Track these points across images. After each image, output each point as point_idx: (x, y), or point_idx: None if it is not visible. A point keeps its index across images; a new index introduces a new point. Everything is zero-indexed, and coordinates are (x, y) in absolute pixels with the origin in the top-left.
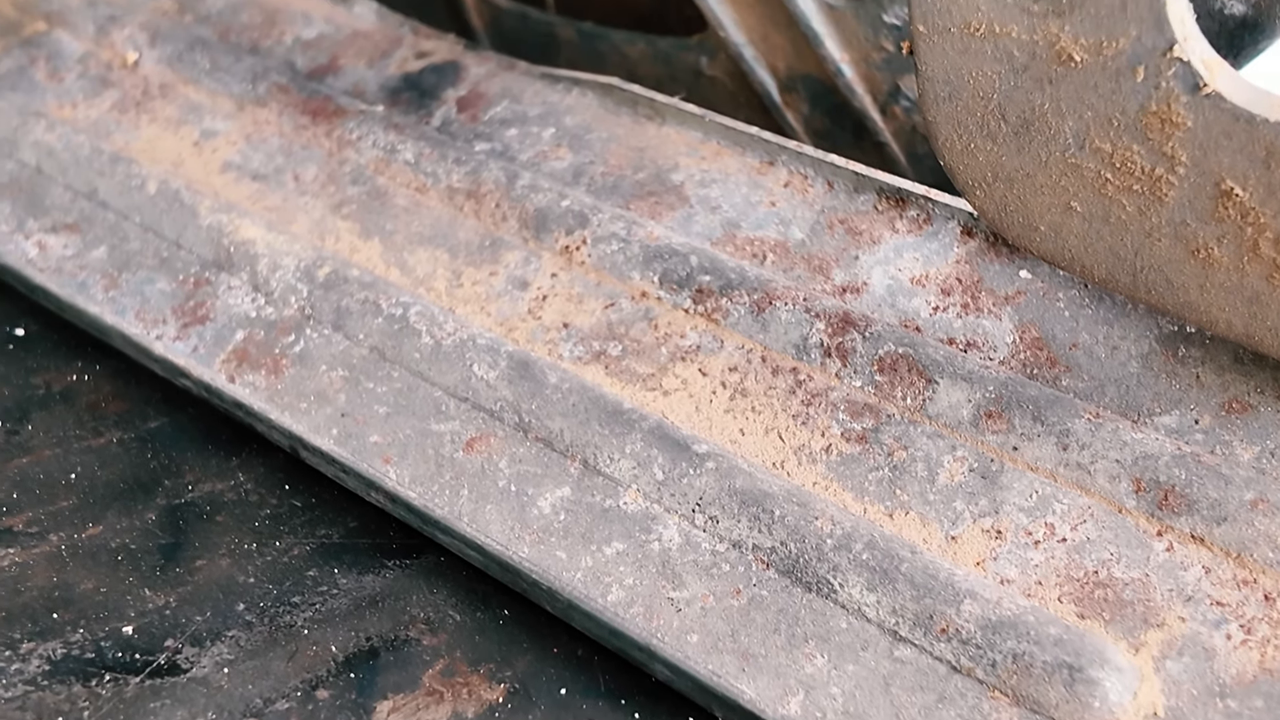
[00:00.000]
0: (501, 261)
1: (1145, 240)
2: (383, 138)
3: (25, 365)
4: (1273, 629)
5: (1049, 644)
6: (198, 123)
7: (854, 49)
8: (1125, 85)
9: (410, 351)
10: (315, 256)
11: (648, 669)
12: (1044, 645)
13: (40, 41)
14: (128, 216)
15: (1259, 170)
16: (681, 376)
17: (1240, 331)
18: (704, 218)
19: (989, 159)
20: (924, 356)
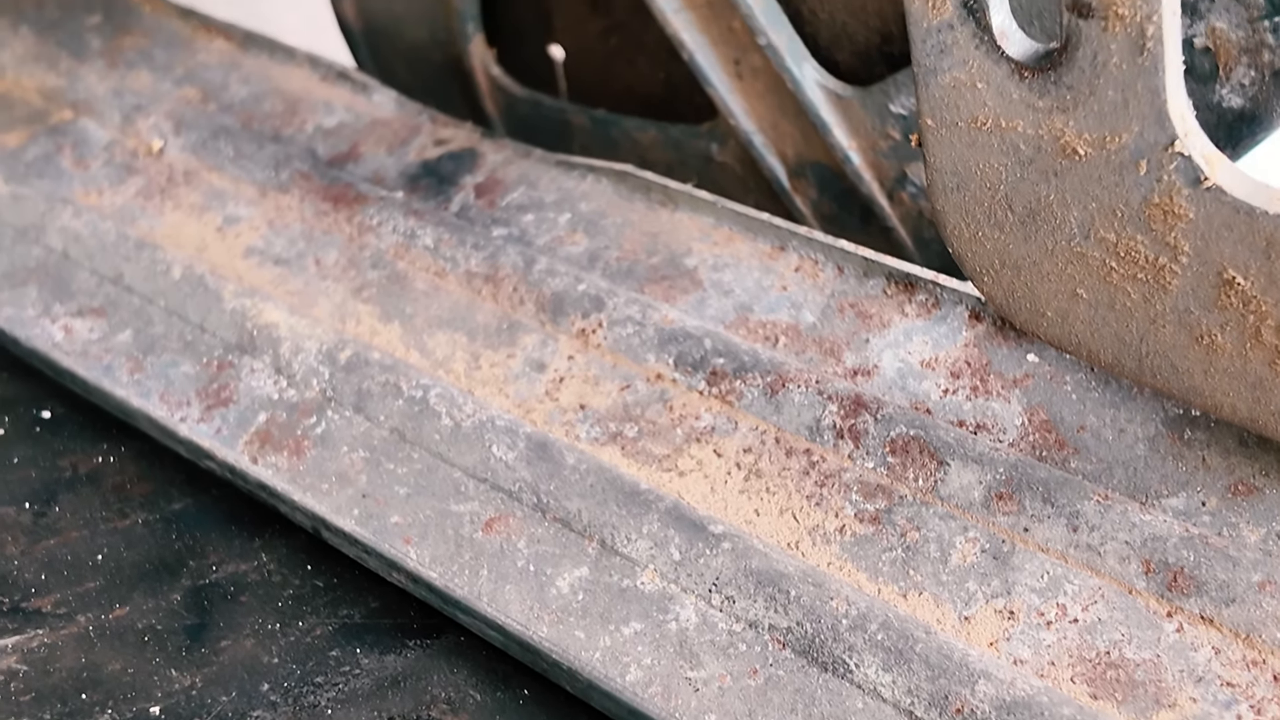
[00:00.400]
0: (519, 344)
1: (1150, 326)
2: (402, 223)
3: (52, 448)
4: None
5: None
6: (221, 209)
7: (861, 137)
8: (1128, 178)
9: (430, 433)
10: (336, 340)
11: None
12: None
13: (66, 129)
14: (153, 301)
15: (1260, 260)
16: (697, 457)
17: (1245, 416)
18: (717, 301)
19: (996, 247)
20: (935, 439)
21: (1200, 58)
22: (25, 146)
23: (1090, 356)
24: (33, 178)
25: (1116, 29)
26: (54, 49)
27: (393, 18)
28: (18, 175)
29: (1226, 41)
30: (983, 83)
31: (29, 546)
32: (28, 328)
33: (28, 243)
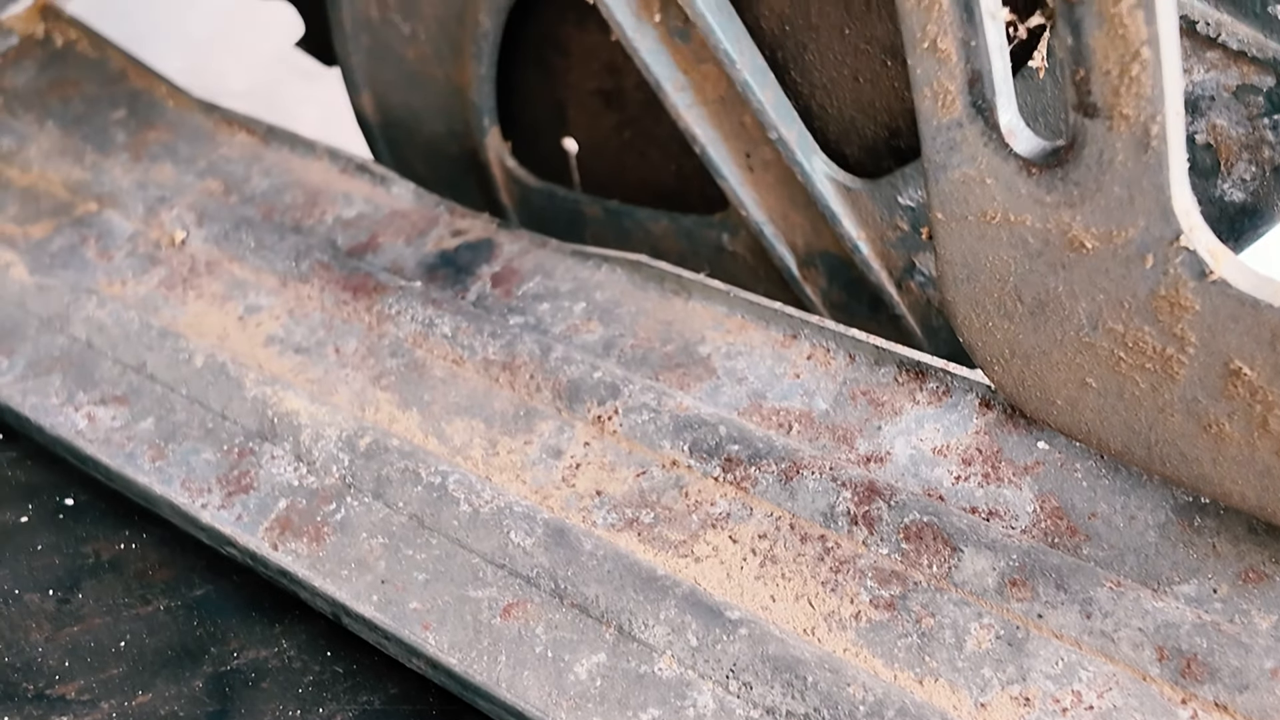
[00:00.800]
0: (536, 431)
1: (1159, 415)
2: (421, 312)
3: (75, 534)
4: None
5: None
6: (242, 298)
7: (870, 228)
8: (1135, 271)
9: (449, 519)
10: (356, 427)
11: None
12: None
13: (91, 221)
14: (175, 389)
15: (1265, 351)
16: (712, 544)
17: (1254, 503)
18: (731, 389)
19: (1006, 337)
20: (948, 525)
21: (1202, 153)
22: (51, 238)
23: (1100, 444)
24: (58, 268)
25: (1122, 128)
26: (79, 143)
27: (410, 112)
28: (43, 266)
29: (1227, 138)
30: (991, 178)
31: (53, 633)
32: (52, 416)
33: (53, 332)
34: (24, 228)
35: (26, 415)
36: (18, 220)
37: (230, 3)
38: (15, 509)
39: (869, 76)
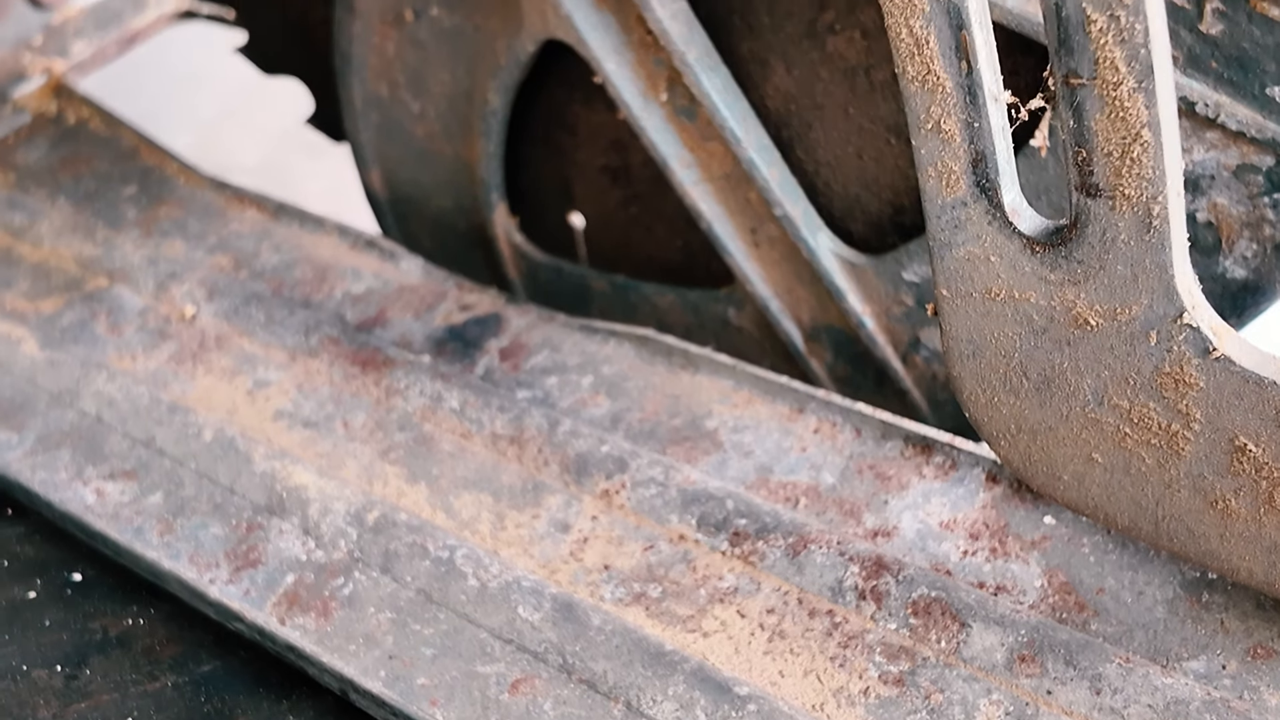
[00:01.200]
0: (544, 505)
1: (1165, 491)
2: (429, 386)
3: (83, 610)
4: None
5: None
6: (252, 373)
7: (875, 303)
8: (1140, 348)
9: (456, 594)
10: (364, 501)
11: None
12: None
13: (102, 296)
14: (184, 463)
15: (1270, 429)
16: (720, 618)
17: (1261, 579)
18: (738, 463)
19: (1012, 412)
20: (956, 600)
21: (1203, 231)
22: (61, 313)
23: (1107, 519)
24: (68, 343)
25: (1124, 208)
26: (91, 219)
27: (418, 188)
28: (54, 341)
29: (1228, 216)
30: (996, 256)
31: (60, 710)
32: (60, 491)
33: (62, 407)
34: (35, 303)
35: (35, 490)
36: (29, 296)
37: (237, 81)
38: (23, 584)
39: (873, 154)
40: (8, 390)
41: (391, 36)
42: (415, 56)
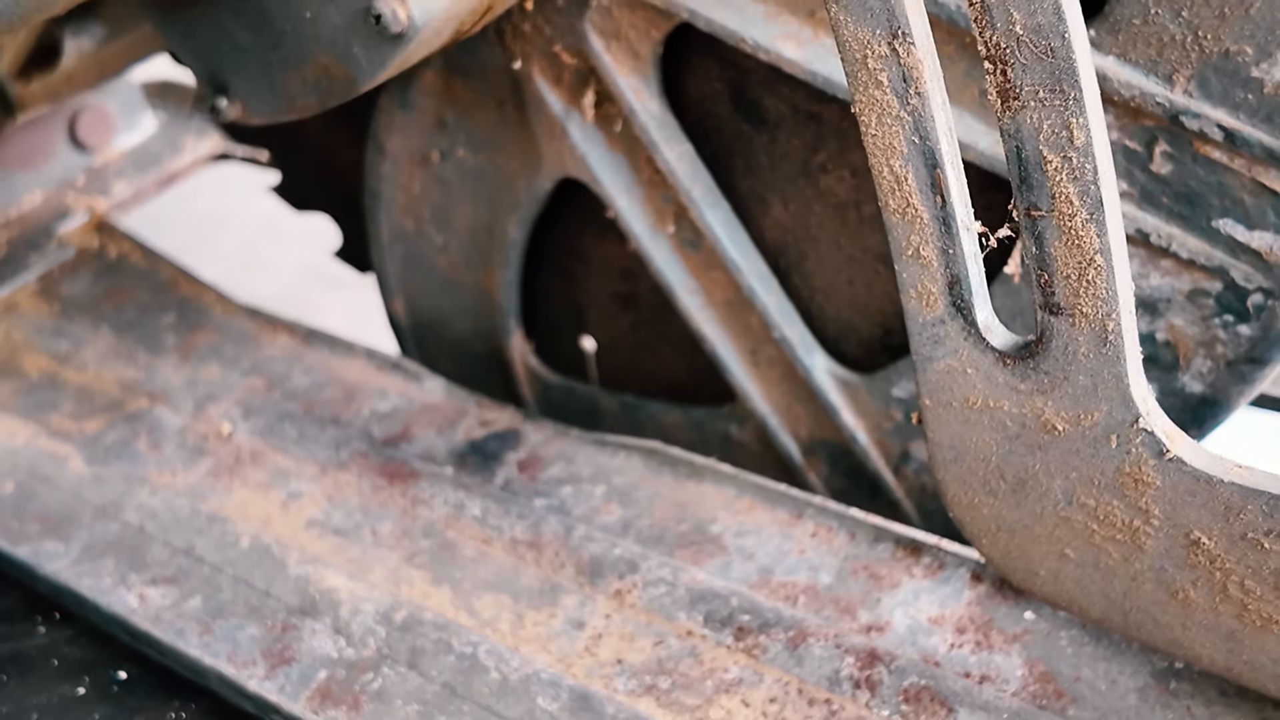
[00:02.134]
0: (560, 604)
1: (1131, 584)
2: (452, 496)
3: (128, 705)
4: None
5: None
6: (285, 485)
7: (867, 419)
8: (1102, 451)
9: (479, 687)
10: (392, 602)
11: None
12: None
13: (143, 416)
14: (221, 570)
15: (1220, 523)
16: (726, 707)
17: (1221, 665)
18: (741, 565)
19: (991, 512)
20: (944, 688)
21: (1163, 350)
22: (104, 432)
23: (1081, 612)
24: (112, 460)
25: (1082, 324)
26: (132, 345)
27: (439, 314)
28: (98, 458)
29: (1184, 336)
30: (972, 369)
31: None
32: (106, 595)
33: (107, 519)
34: (79, 423)
35: (84, 595)
36: (74, 417)
37: (258, 220)
38: (72, 683)
39: (863, 281)
40: (55, 504)
41: (418, 175)
42: (440, 194)
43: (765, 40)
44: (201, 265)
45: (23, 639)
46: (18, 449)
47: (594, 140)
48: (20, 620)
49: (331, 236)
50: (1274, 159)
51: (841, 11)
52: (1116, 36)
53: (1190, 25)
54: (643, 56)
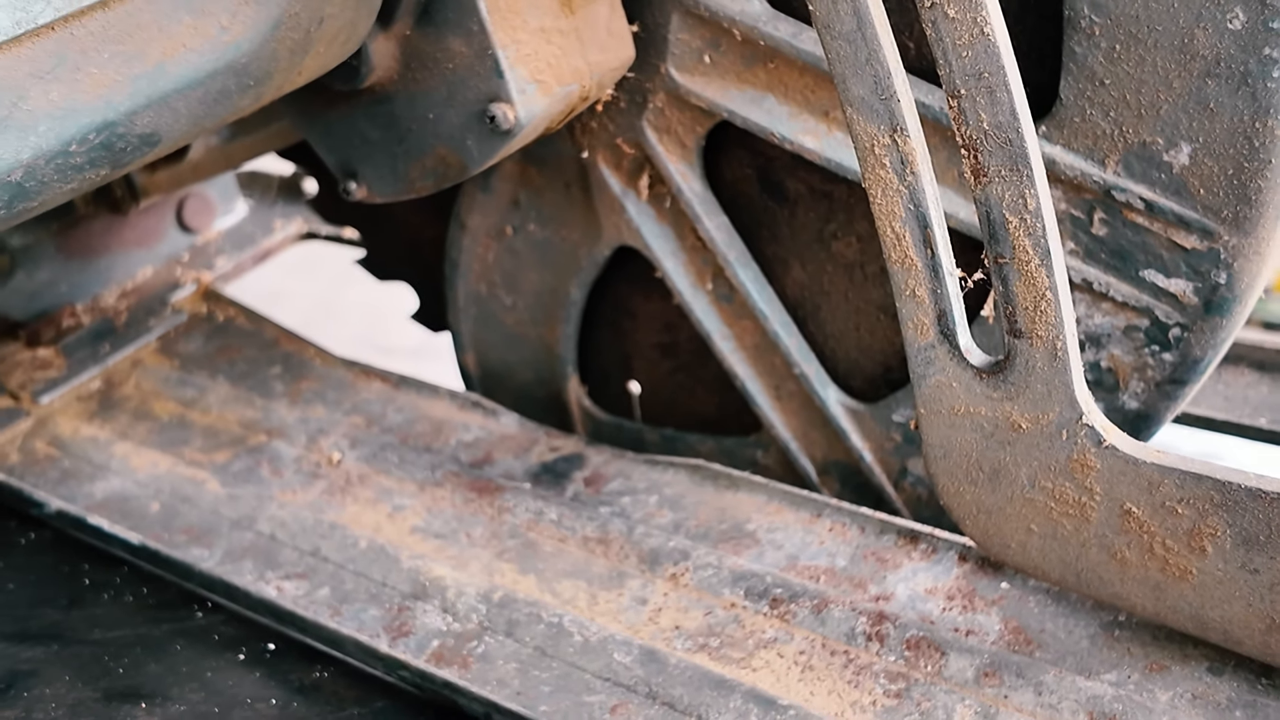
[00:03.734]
0: (626, 586)
1: (1081, 550)
2: (531, 505)
3: (280, 669)
4: None
5: None
6: (390, 501)
7: (872, 441)
8: (1056, 443)
9: (565, 648)
10: (488, 587)
11: None
12: None
13: (263, 449)
14: (344, 566)
15: (1146, 495)
16: (765, 658)
17: (1151, 612)
18: (772, 553)
19: (973, 498)
20: (938, 638)
21: (1106, 375)
22: (232, 461)
23: (1044, 576)
24: (241, 483)
25: (1038, 344)
26: (246, 392)
27: (505, 365)
28: (229, 482)
29: (1122, 363)
30: (956, 383)
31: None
32: (250, 586)
33: (242, 529)
34: (209, 455)
35: (234, 585)
36: (204, 450)
37: (311, 298)
38: (232, 652)
39: (867, 328)
40: (197, 519)
41: (493, 247)
42: (511, 262)
43: (789, 134)
44: None
45: (185, 621)
46: (160, 475)
47: (647, 215)
48: (180, 607)
49: (377, 312)
50: (1183, 223)
51: (855, 112)
52: (1061, 131)
53: (1116, 123)
54: (689, 147)
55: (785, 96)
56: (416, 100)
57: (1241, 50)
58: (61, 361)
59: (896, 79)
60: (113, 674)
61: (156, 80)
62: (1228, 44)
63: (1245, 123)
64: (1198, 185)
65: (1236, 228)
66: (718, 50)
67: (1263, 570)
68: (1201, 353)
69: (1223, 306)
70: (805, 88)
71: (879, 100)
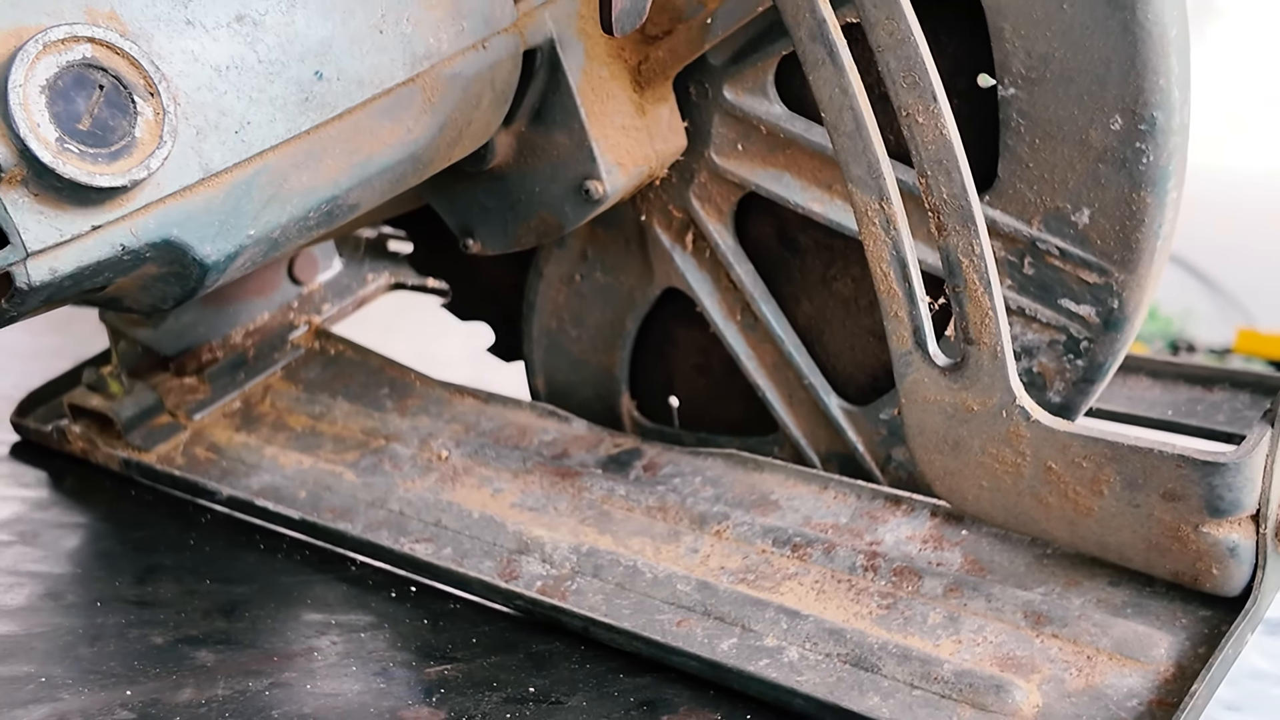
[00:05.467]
0: (682, 541)
1: (1018, 498)
2: (603, 484)
3: (422, 602)
4: (1073, 673)
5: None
6: (491, 485)
7: (864, 435)
8: (998, 420)
9: (639, 583)
10: (576, 543)
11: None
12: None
13: (383, 450)
14: (461, 532)
15: (1060, 454)
16: (789, 587)
17: (1068, 542)
18: (791, 514)
19: (941, 463)
20: (916, 568)
21: (1036, 377)
22: (360, 460)
23: (992, 520)
24: (370, 474)
25: (984, 349)
26: (364, 408)
27: (569, 386)
28: (361, 473)
29: (1048, 368)
30: (928, 379)
31: (430, 665)
32: (391, 546)
33: (376, 508)
34: (341, 455)
35: (380, 544)
36: (335, 451)
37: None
38: (386, 592)
39: (860, 348)
40: (338, 502)
41: (564, 291)
42: (578, 302)
43: (801, 201)
44: None
45: (343, 571)
46: (304, 470)
47: (690, 264)
48: (337, 563)
49: (422, 355)
50: (1087, 265)
51: (854, 187)
52: (999, 199)
53: (1038, 194)
54: (724, 212)
55: (799, 174)
56: (526, 178)
57: (1121, 143)
58: (206, 387)
59: (883, 163)
60: (302, 601)
61: (366, 167)
62: (1111, 139)
63: (1126, 193)
64: (1095, 238)
65: (1124, 267)
66: (748, 140)
67: (1142, 505)
68: (1104, 359)
69: (1118, 324)
70: (814, 168)
71: (871, 178)
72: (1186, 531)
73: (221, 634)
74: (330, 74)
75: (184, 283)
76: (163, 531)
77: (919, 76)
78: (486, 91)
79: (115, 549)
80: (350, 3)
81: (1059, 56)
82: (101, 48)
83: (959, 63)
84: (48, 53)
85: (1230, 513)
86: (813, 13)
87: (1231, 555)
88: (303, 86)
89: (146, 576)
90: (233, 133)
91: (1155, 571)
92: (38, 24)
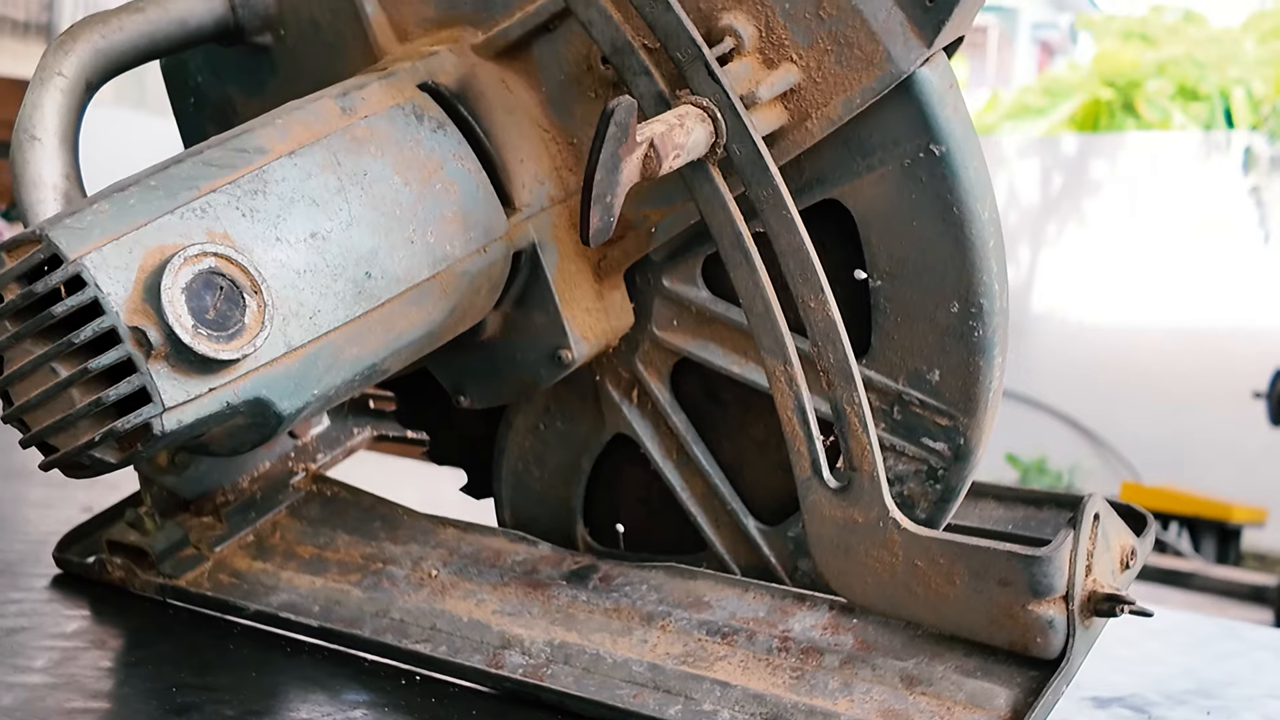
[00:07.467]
0: (634, 634)
1: (894, 590)
2: (568, 593)
3: (428, 686)
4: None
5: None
6: (475, 597)
7: (775, 550)
8: (876, 530)
9: (601, 665)
10: (550, 639)
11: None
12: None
13: (381, 572)
14: (454, 634)
15: (924, 555)
16: (720, 665)
17: (933, 623)
18: (720, 611)
19: (836, 565)
20: (819, 647)
21: (906, 500)
22: (362, 580)
23: (876, 608)
24: (373, 590)
25: (864, 474)
26: (361, 539)
27: (531, 517)
28: (364, 590)
29: (914, 492)
30: (824, 499)
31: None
32: (397, 645)
33: (380, 617)
34: (345, 576)
35: (389, 644)
36: (341, 574)
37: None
38: (396, 680)
39: (774, 480)
40: (347, 613)
41: (529, 437)
42: (541, 447)
43: (724, 364)
44: None
45: (358, 665)
46: (316, 589)
47: (635, 414)
48: (352, 660)
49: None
50: (940, 412)
51: (765, 353)
52: (873, 362)
53: (902, 358)
54: (663, 373)
55: (722, 344)
56: (511, 347)
57: (959, 322)
58: (223, 525)
59: (786, 336)
60: (328, 689)
61: (398, 341)
62: (952, 319)
63: (965, 359)
64: (945, 391)
65: (967, 413)
66: (682, 318)
67: (984, 591)
68: (956, 484)
69: (965, 457)
70: (734, 339)
71: (778, 347)
72: (1017, 610)
73: (257, 711)
74: (376, 274)
75: (262, 430)
76: (199, 641)
77: (810, 273)
78: (485, 283)
79: (166, 652)
80: (391, 221)
81: (911, 258)
82: (221, 259)
83: (840, 262)
84: (186, 264)
85: (1047, 594)
86: (732, 226)
87: (1050, 627)
88: (357, 283)
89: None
90: (308, 318)
91: (996, 642)
92: (175, 243)
